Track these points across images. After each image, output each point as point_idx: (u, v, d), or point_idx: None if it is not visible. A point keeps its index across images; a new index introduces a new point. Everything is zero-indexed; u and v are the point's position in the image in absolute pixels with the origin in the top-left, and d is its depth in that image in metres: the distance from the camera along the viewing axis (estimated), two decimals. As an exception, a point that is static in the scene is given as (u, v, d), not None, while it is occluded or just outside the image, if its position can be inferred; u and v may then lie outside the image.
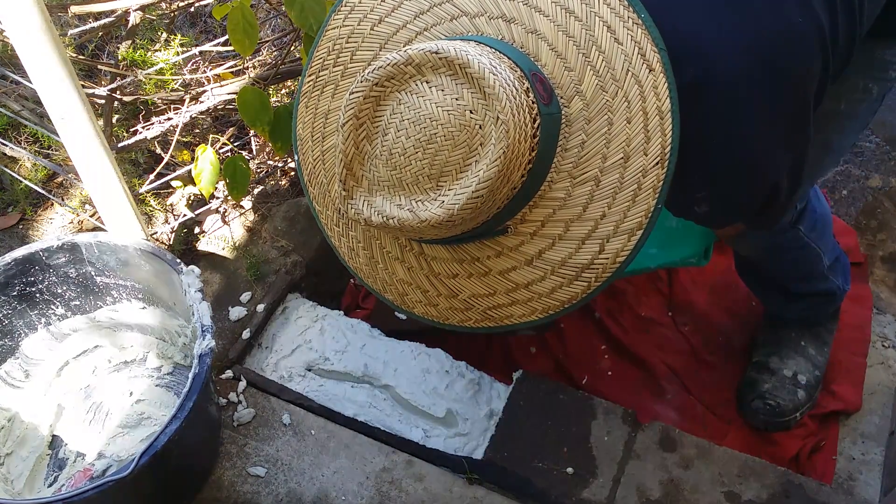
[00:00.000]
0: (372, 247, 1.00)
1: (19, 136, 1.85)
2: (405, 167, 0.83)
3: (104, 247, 1.37)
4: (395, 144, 0.83)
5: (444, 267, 0.95)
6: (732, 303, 1.72)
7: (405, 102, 0.82)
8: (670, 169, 0.83)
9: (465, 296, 0.94)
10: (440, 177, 0.82)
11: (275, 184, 1.86)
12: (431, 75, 0.81)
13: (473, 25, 0.90)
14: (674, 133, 0.82)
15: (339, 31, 0.98)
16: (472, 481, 1.34)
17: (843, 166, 1.98)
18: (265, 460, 1.37)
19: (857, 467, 1.45)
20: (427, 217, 0.81)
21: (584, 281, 0.87)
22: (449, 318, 0.97)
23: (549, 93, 0.84)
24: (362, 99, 0.83)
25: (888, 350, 1.62)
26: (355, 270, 1.02)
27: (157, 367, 1.50)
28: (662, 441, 1.39)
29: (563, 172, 0.85)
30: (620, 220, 0.84)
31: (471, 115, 0.79)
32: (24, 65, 1.19)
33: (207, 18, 2.21)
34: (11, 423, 1.41)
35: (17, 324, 1.40)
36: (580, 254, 0.86)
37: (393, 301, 1.01)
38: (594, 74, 0.85)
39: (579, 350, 1.66)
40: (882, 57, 1.14)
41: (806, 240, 1.38)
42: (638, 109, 0.83)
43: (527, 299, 0.91)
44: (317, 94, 1.00)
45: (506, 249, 0.90)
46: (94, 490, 1.06)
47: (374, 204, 0.84)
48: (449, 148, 0.81)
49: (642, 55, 0.83)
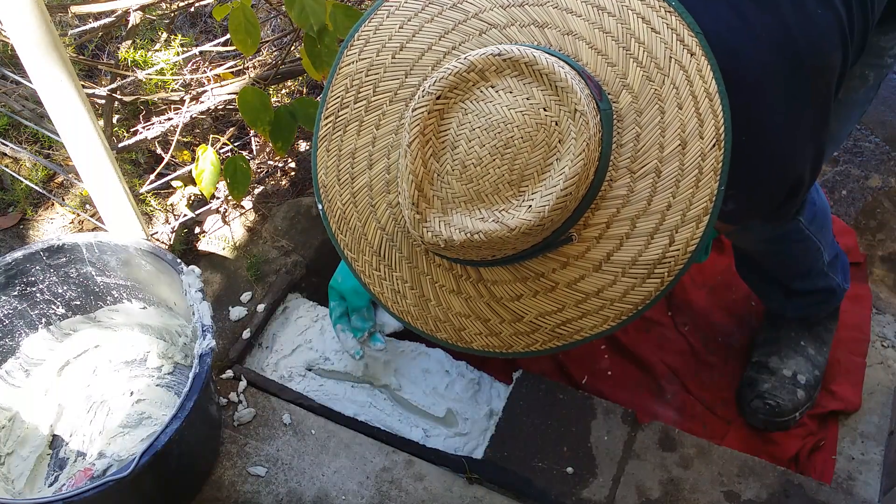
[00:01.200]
0: (422, 284, 0.94)
1: (19, 136, 1.85)
2: (482, 177, 0.79)
3: (104, 247, 1.37)
4: (468, 156, 0.79)
5: (507, 290, 0.90)
6: (732, 303, 1.72)
7: (472, 111, 0.79)
8: (727, 149, 0.81)
9: (530, 317, 0.90)
10: (521, 182, 0.78)
11: (275, 184, 1.87)
12: (496, 79, 0.79)
13: (505, 36, 0.88)
14: (725, 112, 0.81)
15: (357, 66, 0.94)
16: (472, 481, 1.34)
17: (843, 166, 1.98)
18: (265, 460, 1.37)
19: (857, 467, 1.45)
20: (516, 224, 0.77)
21: (657, 277, 0.84)
22: (513, 346, 0.92)
23: (598, 90, 0.82)
24: (427, 114, 0.80)
25: (887, 350, 1.62)
26: (401, 315, 0.96)
27: (157, 366, 1.50)
28: (662, 441, 1.39)
29: (622, 169, 0.83)
30: (686, 207, 0.82)
31: (545, 112, 0.77)
32: (24, 65, 1.19)
33: (207, 18, 2.21)
34: (12, 423, 1.41)
35: (17, 323, 1.41)
36: (650, 249, 0.83)
37: (447, 339, 0.95)
38: (638, 66, 0.83)
39: (579, 350, 1.66)
40: (877, 43, 1.15)
41: (806, 232, 1.38)
42: (687, 94, 0.82)
43: (598, 308, 0.87)
44: (339, 135, 0.95)
45: (571, 259, 0.86)
46: (94, 490, 1.06)
47: (452, 222, 0.80)
48: (528, 150, 0.78)
49: (681, 41, 0.82)
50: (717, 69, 0.82)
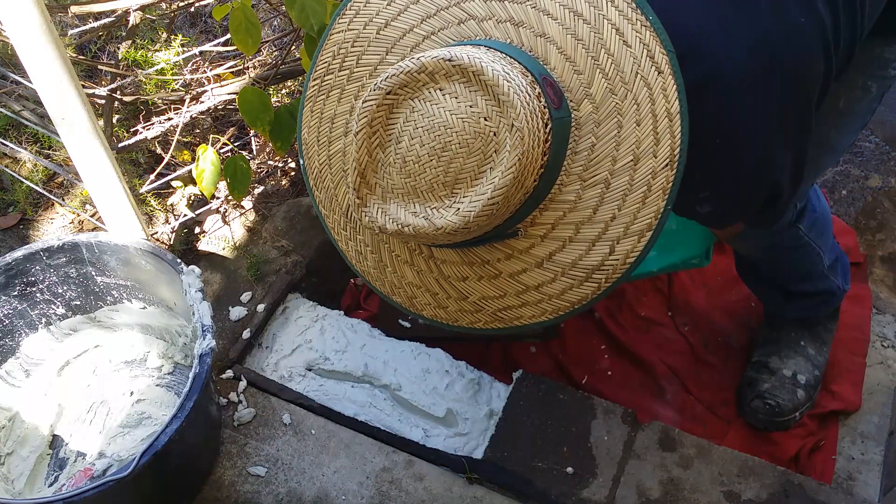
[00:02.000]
0: (381, 250, 1.00)
1: (20, 137, 1.85)
2: (419, 175, 0.83)
3: (104, 247, 1.37)
4: (409, 152, 0.83)
5: (454, 270, 0.95)
6: (732, 303, 1.72)
7: (419, 110, 0.82)
8: (679, 171, 0.83)
9: (474, 298, 0.95)
10: (455, 184, 0.82)
11: (275, 184, 1.87)
12: (445, 83, 0.81)
13: (481, 29, 0.90)
14: (683, 135, 0.83)
15: (345, 35, 0.98)
16: (472, 481, 1.34)
17: (843, 166, 1.98)
18: (265, 460, 1.37)
19: (857, 467, 1.45)
20: (443, 224, 0.81)
21: (595, 282, 0.88)
22: (458, 320, 0.98)
23: (559, 97, 0.84)
24: (375, 107, 0.83)
25: (887, 350, 1.62)
26: (363, 274, 1.02)
27: (157, 366, 1.50)
28: (662, 441, 1.39)
29: (574, 175, 0.86)
30: (630, 221, 0.85)
31: (485, 122, 0.80)
32: (24, 65, 1.19)
33: (208, 18, 2.21)
34: (12, 423, 1.41)
35: (17, 323, 1.41)
36: (590, 255, 0.87)
37: (402, 304, 1.01)
38: (603, 77, 0.85)
39: (579, 350, 1.66)
40: (881, 55, 1.14)
41: (806, 238, 1.38)
42: (647, 112, 0.83)
43: (537, 301, 0.91)
44: (322, 99, 1.00)
45: (516, 252, 0.90)
46: (94, 490, 1.06)
47: (389, 212, 0.84)
48: (464, 155, 0.81)
49: (651, 57, 0.84)
50: (682, 90, 0.83)
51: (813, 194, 1.40)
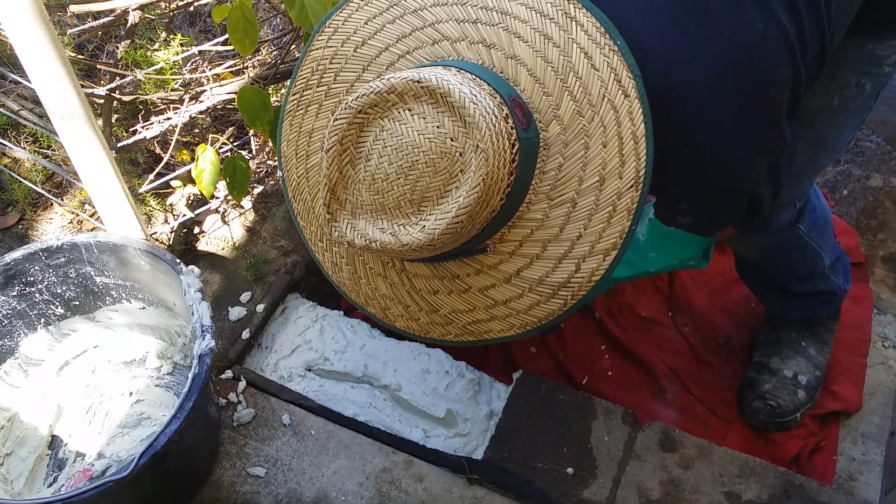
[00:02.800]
0: (355, 262, 1.02)
1: (19, 136, 1.85)
2: (387, 192, 0.85)
3: (104, 247, 1.37)
4: (377, 170, 0.85)
5: (425, 283, 0.97)
6: (732, 303, 1.72)
7: (388, 129, 0.84)
8: (644, 192, 0.85)
9: (445, 311, 0.97)
10: (421, 202, 0.84)
11: (275, 184, 1.86)
12: (414, 103, 0.83)
13: (455, 50, 0.92)
14: (648, 157, 0.85)
15: (323, 52, 1.00)
16: (472, 481, 1.34)
17: (844, 166, 1.97)
18: (265, 460, 1.37)
19: (858, 467, 1.45)
20: (408, 241, 0.83)
21: (561, 298, 0.90)
22: (430, 332, 1.00)
23: (527, 118, 0.86)
24: (346, 125, 0.85)
25: (888, 350, 1.62)
26: (339, 285, 1.05)
27: (156, 367, 1.50)
28: (662, 441, 1.39)
29: (541, 194, 0.88)
30: (596, 240, 0.87)
31: (451, 142, 0.81)
32: (23, 65, 1.19)
33: (207, 18, 2.21)
34: (11, 423, 1.41)
35: (16, 324, 1.40)
36: (557, 273, 0.89)
37: (375, 314, 1.03)
38: (571, 100, 0.87)
39: (579, 350, 1.66)
40: (873, 52, 1.14)
41: (806, 239, 1.38)
42: (613, 134, 0.86)
43: (505, 315, 0.94)
44: (301, 113, 1.03)
45: (485, 268, 0.92)
46: (93, 490, 1.06)
47: (357, 227, 0.87)
48: (430, 174, 0.83)
49: (618, 81, 0.86)
50: (648, 113, 0.85)
51: (813, 194, 1.40)
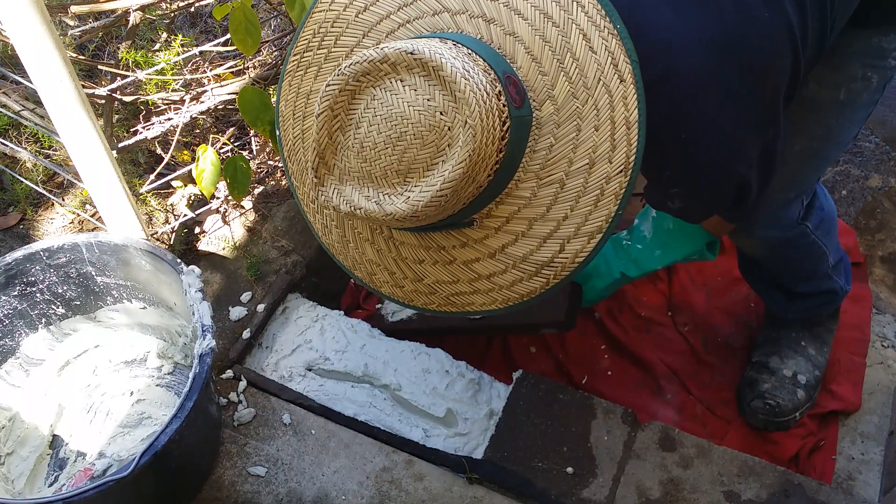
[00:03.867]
0: (344, 226, 1.03)
1: (19, 136, 1.85)
2: (375, 161, 0.85)
3: (104, 247, 1.37)
4: (366, 138, 0.85)
5: (412, 252, 0.98)
6: (732, 303, 1.72)
7: (379, 98, 0.84)
8: (633, 178, 0.85)
9: (429, 281, 0.98)
10: (408, 173, 0.84)
11: (275, 184, 1.87)
12: (406, 74, 0.83)
13: (454, 22, 0.92)
14: (639, 144, 0.85)
15: (325, 15, 1.00)
16: (471, 481, 1.34)
17: (843, 166, 1.98)
18: (265, 460, 1.37)
19: (857, 467, 1.45)
20: (392, 211, 0.83)
21: (544, 277, 0.90)
22: (413, 301, 1.01)
23: (521, 95, 0.86)
24: (338, 92, 0.85)
25: (887, 350, 1.62)
26: (328, 247, 1.06)
27: (157, 366, 1.50)
28: (662, 441, 1.39)
29: (531, 173, 0.88)
30: (582, 222, 0.87)
31: (441, 116, 0.82)
32: (24, 65, 1.19)
33: (208, 18, 2.21)
34: (12, 423, 1.41)
35: (17, 323, 1.41)
36: (541, 251, 0.90)
37: (362, 279, 1.04)
38: (567, 81, 0.87)
39: (579, 350, 1.66)
40: (879, 45, 1.14)
41: (813, 237, 1.38)
42: (606, 118, 0.86)
43: (488, 289, 0.94)
44: (300, 74, 1.03)
45: (471, 241, 0.93)
46: (94, 490, 1.06)
47: (344, 193, 0.87)
48: (417, 146, 0.83)
49: (615, 65, 0.86)
50: (643, 100, 0.85)
51: (821, 192, 1.40)
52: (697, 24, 0.89)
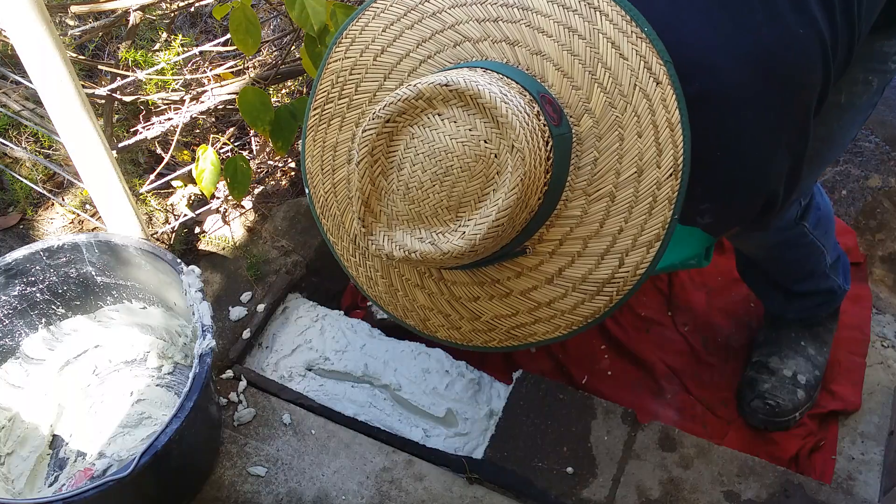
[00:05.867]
0: (391, 275, 1.00)
1: (19, 136, 1.85)
2: (423, 200, 0.83)
3: (104, 247, 1.37)
4: (411, 179, 0.83)
5: (465, 291, 0.95)
6: (732, 303, 1.72)
7: (418, 136, 0.82)
8: (684, 179, 0.83)
9: (487, 317, 0.95)
10: (459, 208, 0.82)
11: (275, 184, 1.87)
12: (443, 108, 0.81)
13: (477, 50, 0.90)
14: (685, 143, 0.83)
15: (342, 64, 0.98)
16: (472, 481, 1.34)
17: (843, 166, 1.98)
18: (265, 460, 1.37)
19: (857, 467, 1.45)
20: (449, 249, 0.81)
21: (606, 295, 0.88)
22: (472, 340, 0.98)
23: (558, 113, 0.85)
24: (375, 136, 0.83)
25: (887, 350, 1.62)
26: (375, 299, 1.02)
27: (157, 366, 1.50)
28: (662, 441, 1.39)
29: (578, 190, 0.86)
30: (638, 233, 0.85)
31: (485, 144, 0.80)
32: (24, 65, 1.19)
33: (208, 18, 2.21)
34: (12, 423, 1.41)
35: (17, 324, 1.41)
36: (600, 269, 0.87)
37: (415, 326, 1.01)
38: (602, 91, 0.85)
39: (579, 350, 1.66)
40: (881, 49, 1.14)
41: (811, 237, 1.38)
42: (648, 123, 0.84)
43: (550, 317, 0.92)
44: (323, 128, 1.00)
45: (525, 270, 0.90)
46: (94, 490, 1.06)
47: (395, 238, 0.84)
48: (466, 179, 0.81)
49: (648, 68, 0.84)
50: (682, 99, 0.83)
51: (817, 191, 1.40)
52: (734, 42, 0.88)
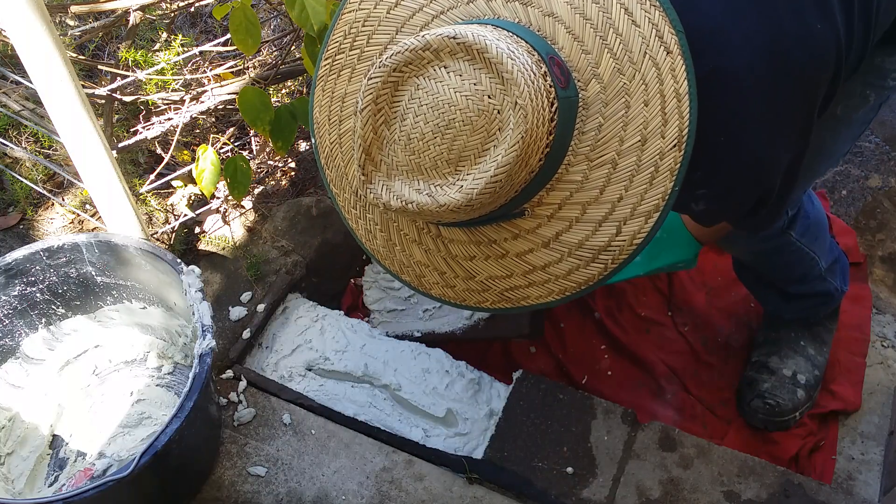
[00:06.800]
0: (389, 229, 1.00)
1: (19, 136, 1.85)
2: (424, 152, 0.83)
3: (104, 247, 1.37)
4: (413, 129, 0.83)
5: (462, 249, 0.95)
6: (732, 303, 1.72)
7: (423, 87, 0.82)
8: (688, 151, 0.83)
9: (482, 277, 0.95)
10: (458, 161, 0.82)
11: (275, 184, 1.87)
12: (450, 60, 0.81)
13: (490, 8, 0.90)
14: (691, 115, 0.82)
15: (356, 15, 0.98)
16: (471, 481, 1.34)
17: (843, 166, 1.98)
18: (265, 460, 1.37)
19: (857, 467, 1.45)
20: (446, 202, 0.81)
21: (601, 263, 0.87)
22: (466, 300, 0.98)
23: (566, 76, 0.84)
24: (380, 84, 0.83)
25: (887, 350, 1.62)
26: (373, 252, 1.02)
27: (157, 366, 1.50)
28: (662, 441, 1.39)
29: (581, 155, 0.85)
30: (637, 202, 0.84)
31: (489, 100, 0.79)
32: (24, 65, 1.19)
33: (208, 18, 2.21)
34: (12, 423, 1.41)
35: (17, 324, 1.41)
36: (597, 236, 0.87)
37: (410, 282, 1.01)
38: (611, 57, 0.85)
39: (579, 350, 1.66)
40: (881, 65, 1.14)
41: (798, 244, 1.38)
42: (655, 92, 0.83)
43: (543, 281, 0.91)
44: (333, 78, 1.00)
45: (523, 232, 0.90)
46: (94, 490, 1.06)
47: (393, 188, 0.84)
48: (467, 133, 0.81)
49: (660, 37, 0.83)
50: (691, 70, 0.82)
51: (806, 199, 1.40)
52: (754, 29, 0.87)
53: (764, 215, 1.10)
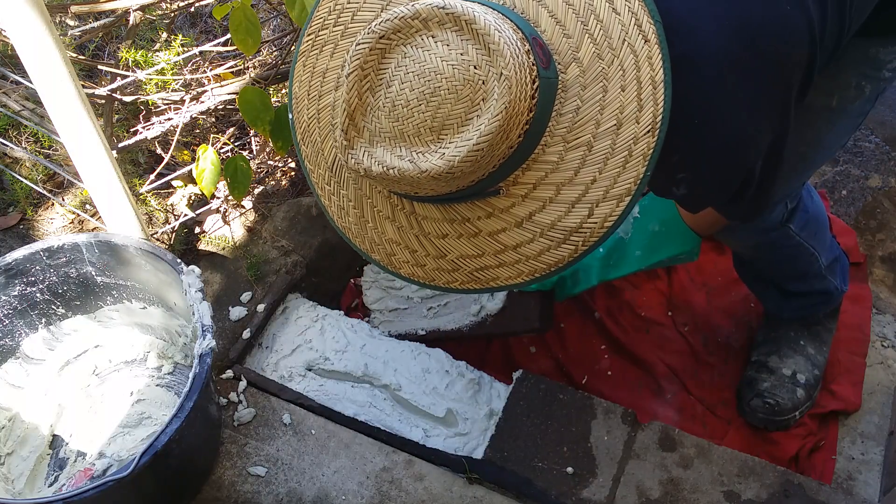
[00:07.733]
0: (363, 206, 1.00)
1: (19, 136, 1.85)
2: (407, 119, 0.84)
3: (104, 247, 1.38)
4: (398, 96, 0.84)
5: (435, 227, 0.96)
6: (732, 303, 1.72)
7: (410, 56, 0.83)
8: (661, 138, 0.85)
9: (453, 256, 0.96)
10: (441, 129, 0.83)
11: (275, 184, 1.87)
12: (437, 30, 0.82)
13: None
14: (665, 103, 0.84)
15: None
16: (471, 481, 1.34)
17: (843, 166, 1.98)
18: (265, 460, 1.37)
19: (857, 467, 1.45)
20: (427, 168, 0.82)
21: (572, 244, 0.89)
22: (435, 280, 0.98)
23: (547, 57, 0.86)
24: (368, 50, 0.84)
25: (887, 350, 1.62)
26: (344, 230, 1.03)
27: (157, 366, 1.50)
28: (662, 441, 1.39)
29: (557, 136, 0.87)
30: (610, 185, 0.86)
31: (475, 70, 0.81)
32: (24, 65, 1.19)
33: (208, 18, 2.21)
34: (12, 423, 1.41)
35: (17, 324, 1.41)
36: (569, 217, 0.88)
37: (380, 261, 1.02)
38: (592, 42, 0.87)
39: (579, 350, 1.66)
40: (876, 56, 1.14)
41: (798, 239, 1.38)
42: (632, 78, 0.85)
43: (514, 261, 0.92)
44: (315, 54, 1.01)
45: (497, 211, 0.91)
46: (94, 490, 1.06)
47: (375, 154, 0.85)
48: (452, 101, 0.82)
49: (638, 26, 0.85)
50: (667, 59, 0.84)
51: (806, 194, 1.40)
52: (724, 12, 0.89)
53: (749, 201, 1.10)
